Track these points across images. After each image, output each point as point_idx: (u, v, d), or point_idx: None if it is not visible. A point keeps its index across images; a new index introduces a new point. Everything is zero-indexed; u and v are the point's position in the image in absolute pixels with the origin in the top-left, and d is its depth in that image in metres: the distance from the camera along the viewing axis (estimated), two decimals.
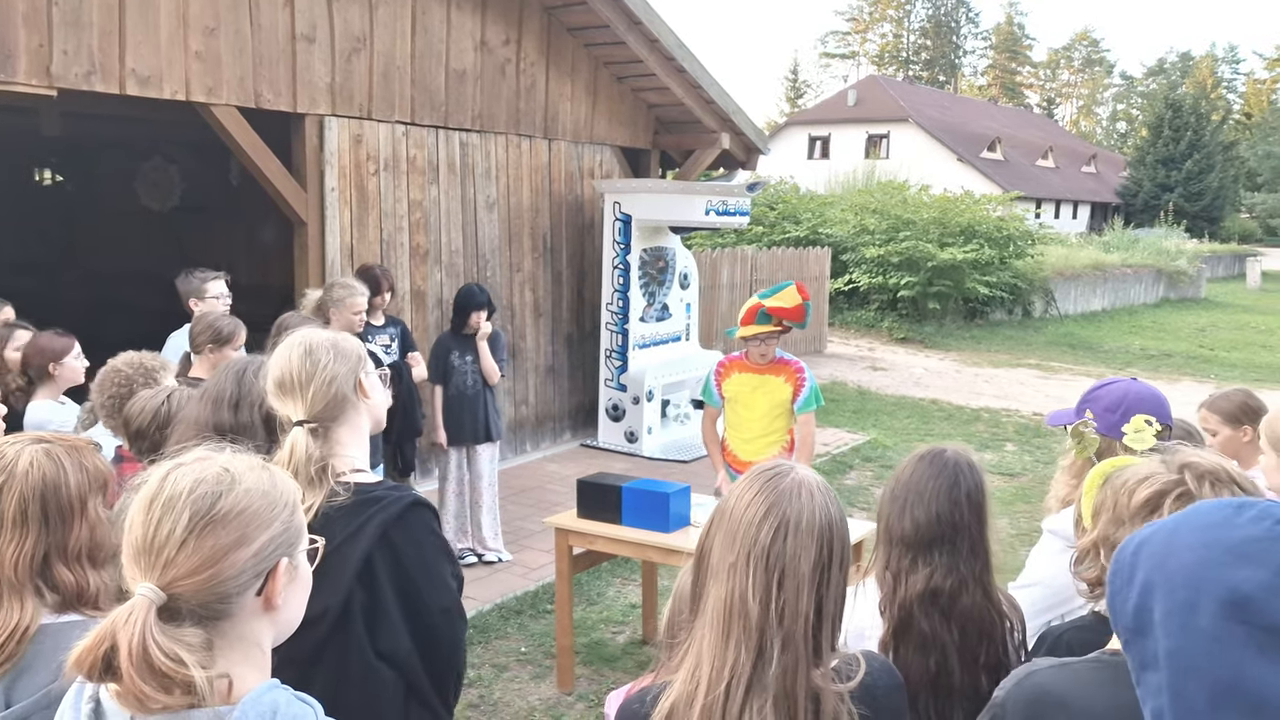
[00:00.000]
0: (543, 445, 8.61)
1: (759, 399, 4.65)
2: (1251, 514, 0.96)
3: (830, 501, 1.42)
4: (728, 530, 1.41)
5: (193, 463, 1.24)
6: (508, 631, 5.07)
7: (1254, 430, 3.28)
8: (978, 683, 1.92)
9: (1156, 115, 46.57)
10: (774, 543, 1.36)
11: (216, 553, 1.17)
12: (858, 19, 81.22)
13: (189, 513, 1.17)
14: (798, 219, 17.71)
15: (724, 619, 1.36)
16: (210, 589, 1.17)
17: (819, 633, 1.37)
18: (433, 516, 1.94)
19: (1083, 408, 2.44)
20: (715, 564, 1.40)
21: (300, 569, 1.29)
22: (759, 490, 1.42)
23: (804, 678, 1.34)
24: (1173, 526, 1.01)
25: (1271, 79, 73.68)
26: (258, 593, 1.22)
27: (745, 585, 1.36)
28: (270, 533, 1.22)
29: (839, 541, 1.40)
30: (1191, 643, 0.92)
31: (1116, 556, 1.06)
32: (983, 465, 2.07)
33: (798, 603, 1.35)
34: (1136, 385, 2.43)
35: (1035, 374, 13.77)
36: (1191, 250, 26.63)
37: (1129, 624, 1.01)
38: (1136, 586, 1.00)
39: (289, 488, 1.29)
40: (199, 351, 3.85)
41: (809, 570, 1.36)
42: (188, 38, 5.75)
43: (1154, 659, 0.96)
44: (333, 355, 1.92)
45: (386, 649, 1.83)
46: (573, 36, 8.35)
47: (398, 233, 7.16)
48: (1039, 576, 2.21)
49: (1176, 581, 0.96)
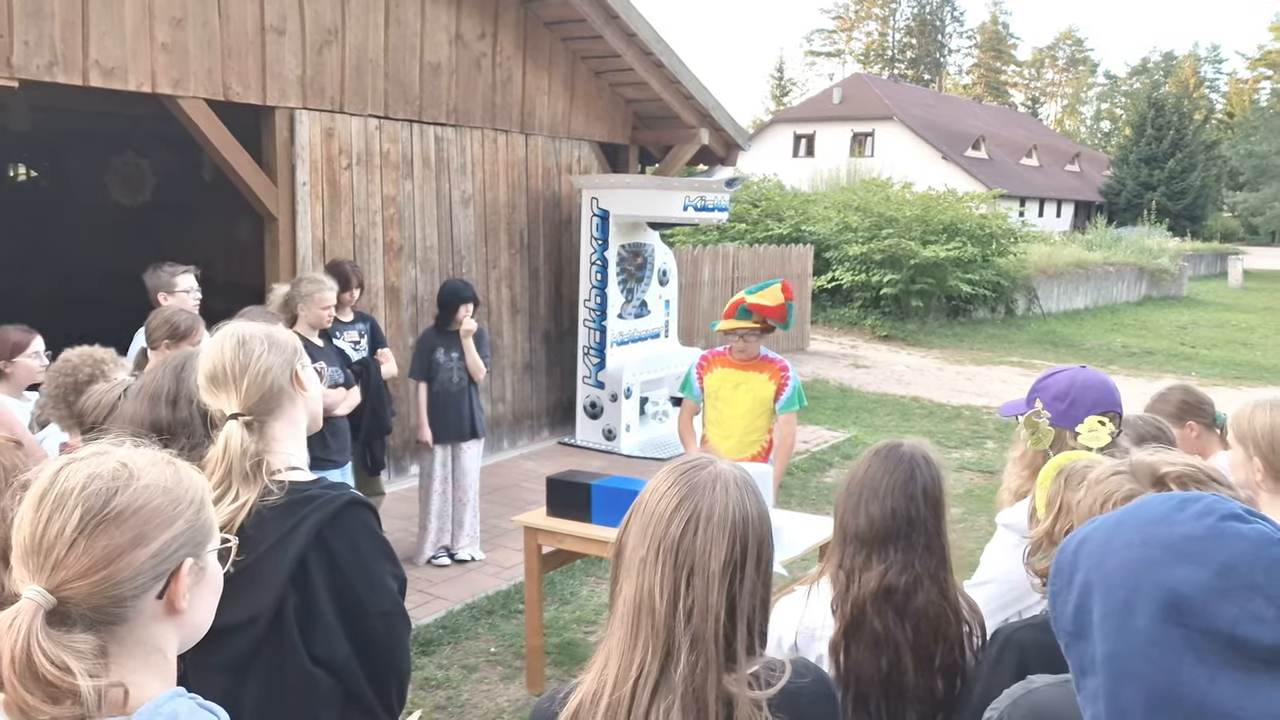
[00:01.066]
0: (520, 443, 8.54)
1: (741, 396, 4.60)
2: (1194, 510, 0.90)
3: (748, 497, 1.36)
4: (640, 524, 1.36)
5: (89, 457, 1.16)
6: (478, 632, 5.00)
7: (1199, 425, 3.27)
8: (932, 684, 1.87)
9: (1140, 114, 46.82)
10: (684, 536, 1.31)
11: (110, 553, 1.09)
12: (843, 17, 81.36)
13: (81, 510, 1.10)
14: (781, 216, 17.69)
15: (633, 616, 1.31)
16: (103, 592, 1.09)
17: (731, 634, 1.30)
18: (371, 516, 1.87)
19: (1032, 397, 2.42)
20: (628, 558, 1.35)
21: (209, 570, 1.22)
22: (673, 483, 1.36)
23: (714, 681, 1.27)
24: (1113, 523, 0.96)
25: (1253, 79, 74.16)
26: (159, 595, 1.14)
27: (654, 580, 1.30)
28: (172, 531, 1.14)
29: (755, 539, 1.34)
30: (1128, 646, 0.87)
31: (1058, 556, 1.00)
32: (942, 460, 2.02)
33: (707, 600, 1.29)
34: (1084, 373, 2.40)
35: (1018, 372, 13.77)
36: (1174, 249, 26.76)
37: (1069, 627, 0.95)
38: (1076, 587, 0.95)
39: (195, 484, 1.21)
40: (155, 347, 3.76)
41: (719, 567, 1.30)
42: (153, 28, 5.65)
43: (1092, 663, 0.91)
44: (267, 346, 1.85)
45: (323, 654, 1.76)
46: (550, 30, 8.27)
47: (371, 228, 7.07)
48: (994, 573, 2.17)
49: (1114, 581, 0.90)
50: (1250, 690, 0.80)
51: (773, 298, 4.51)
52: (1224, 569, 0.85)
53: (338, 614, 1.78)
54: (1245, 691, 0.81)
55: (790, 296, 4.55)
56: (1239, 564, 0.84)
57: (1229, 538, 0.87)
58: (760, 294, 4.55)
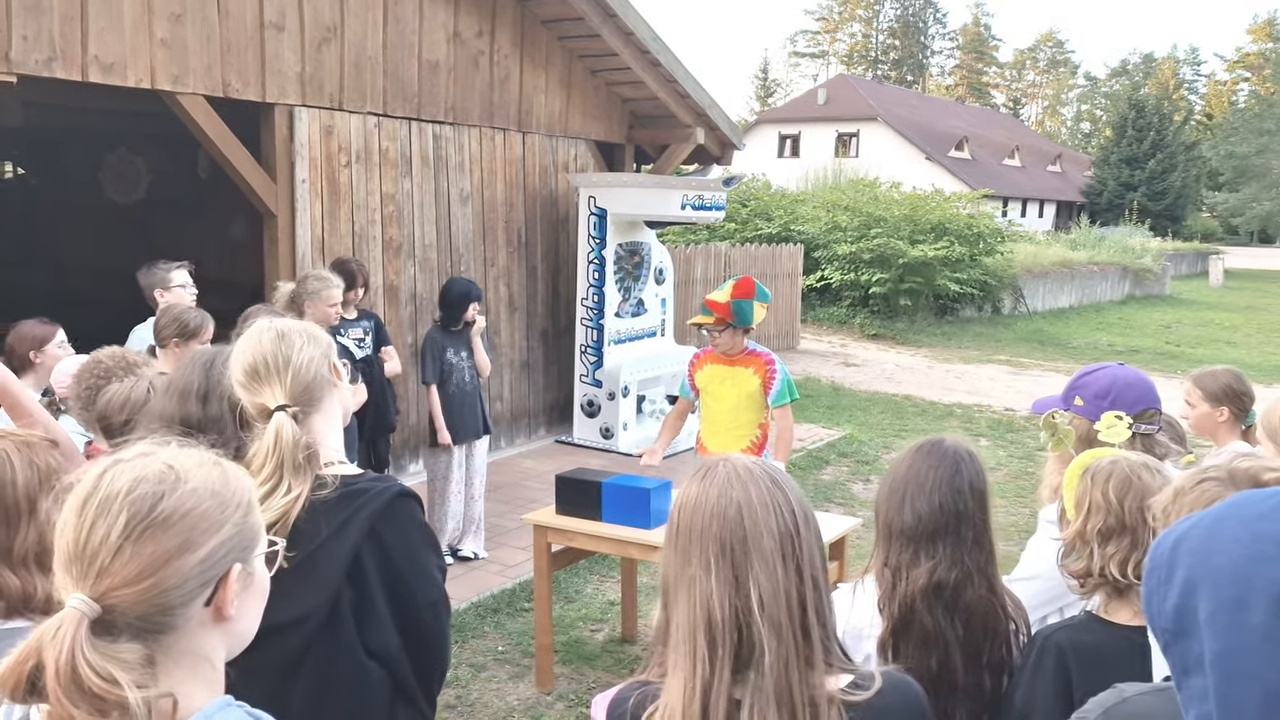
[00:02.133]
0: (518, 441, 8.52)
1: (727, 390, 4.65)
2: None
3: (769, 471, 1.34)
4: (681, 543, 1.32)
5: (134, 459, 1.11)
6: (485, 630, 4.99)
7: (1230, 411, 3.31)
8: (981, 681, 1.87)
9: (1120, 115, 47.18)
10: (728, 528, 1.28)
11: (157, 560, 1.05)
12: (827, 19, 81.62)
13: (126, 515, 1.05)
14: (770, 216, 17.72)
15: (690, 636, 1.27)
16: (150, 600, 1.05)
17: (805, 620, 1.27)
18: (418, 507, 1.87)
19: (1070, 395, 2.42)
20: (674, 584, 1.31)
21: (256, 575, 1.18)
22: (697, 491, 1.34)
23: (798, 676, 1.24)
24: (1214, 519, 0.94)
25: (1232, 80, 74.92)
26: (206, 603, 1.10)
27: (710, 587, 1.26)
28: (220, 536, 1.10)
29: (796, 505, 1.31)
30: (1242, 644, 0.85)
31: (1152, 553, 0.99)
32: (981, 456, 2.03)
33: (775, 578, 1.26)
34: (1124, 370, 2.41)
35: (1006, 370, 13.86)
36: (1156, 248, 26.98)
37: (1168, 625, 0.94)
38: (1177, 585, 0.93)
39: (243, 486, 1.17)
40: (164, 345, 3.73)
41: (774, 544, 1.27)
42: (153, 24, 5.60)
43: (1198, 662, 0.89)
44: (306, 338, 1.84)
45: (377, 647, 1.76)
46: (547, 29, 8.26)
47: (370, 226, 7.04)
48: (1038, 569, 2.17)
49: (1223, 578, 0.88)
50: None
51: (724, 294, 4.55)
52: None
53: (390, 606, 1.78)
54: None
55: (744, 293, 4.54)
56: None
57: None
58: (719, 290, 4.62)
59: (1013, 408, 10.82)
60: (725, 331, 4.58)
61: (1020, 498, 7.31)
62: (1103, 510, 1.80)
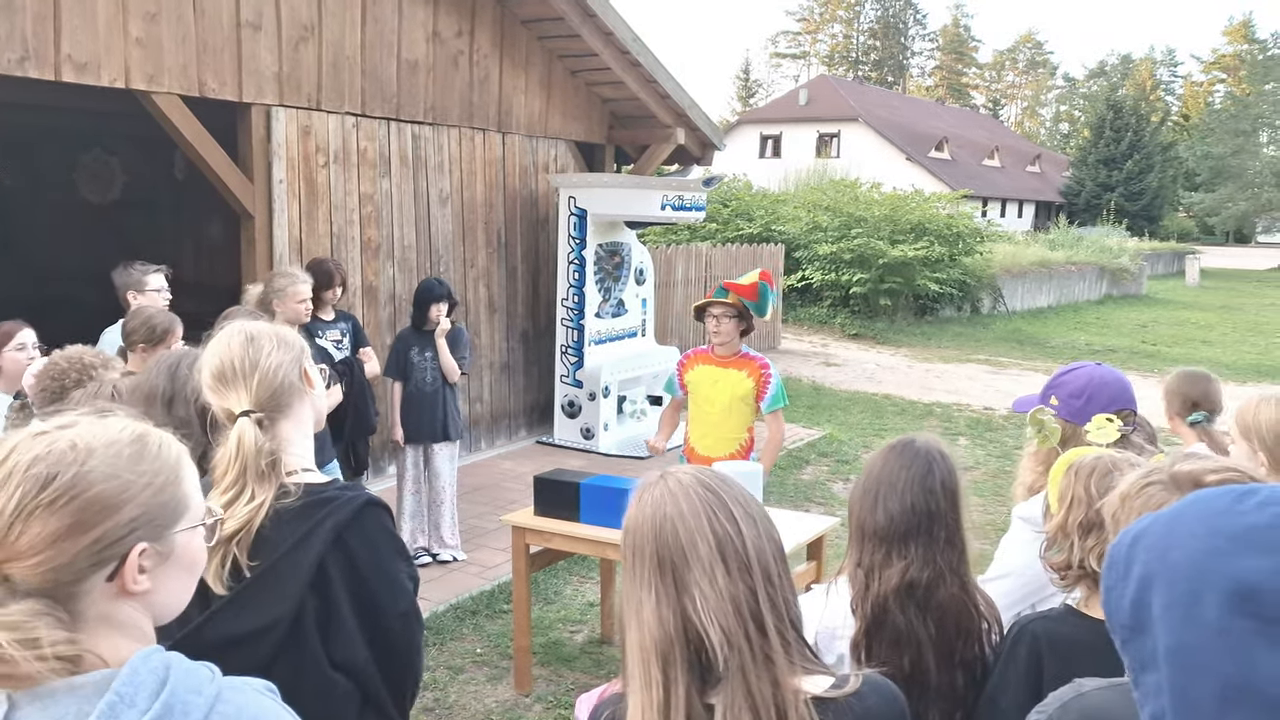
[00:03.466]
0: (498, 443, 8.50)
1: (719, 392, 4.61)
2: (1256, 500, 0.90)
3: (711, 481, 1.31)
4: (626, 566, 1.31)
5: (47, 433, 1.12)
6: (463, 632, 4.97)
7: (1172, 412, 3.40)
8: (954, 680, 1.88)
9: (1098, 116, 47.55)
10: (664, 544, 1.26)
11: (44, 539, 1.06)
12: (808, 19, 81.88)
13: (20, 492, 1.07)
14: (751, 216, 17.76)
15: (641, 657, 1.25)
16: (41, 574, 1.06)
17: (760, 617, 1.24)
18: (387, 516, 1.84)
19: (1048, 394, 2.44)
20: (628, 605, 1.30)
21: (177, 549, 1.16)
22: (636, 510, 1.32)
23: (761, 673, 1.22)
24: (1172, 516, 0.95)
25: (1208, 82, 75.68)
26: (109, 578, 1.10)
27: (653, 607, 1.24)
28: (118, 518, 1.09)
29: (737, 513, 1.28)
30: (1196, 638, 0.86)
31: (1111, 550, 0.99)
32: (954, 455, 2.04)
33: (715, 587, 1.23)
34: (1100, 370, 2.44)
35: (985, 369, 13.94)
36: (1133, 248, 27.21)
37: (1125, 620, 0.94)
38: (1134, 580, 0.93)
39: (162, 463, 1.16)
40: (133, 348, 3.69)
41: (709, 551, 1.24)
42: (127, 23, 5.55)
43: (1153, 657, 0.90)
44: (276, 343, 1.81)
45: (342, 658, 1.73)
46: (526, 29, 8.25)
47: (348, 226, 7.01)
48: (1011, 566, 2.19)
49: (1178, 573, 0.89)
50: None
51: (749, 278, 4.57)
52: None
53: (357, 616, 1.75)
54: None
55: (768, 280, 4.59)
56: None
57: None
58: (741, 277, 4.65)
59: (991, 407, 10.89)
60: (731, 321, 4.54)
61: (998, 496, 7.35)
62: (1084, 504, 1.82)
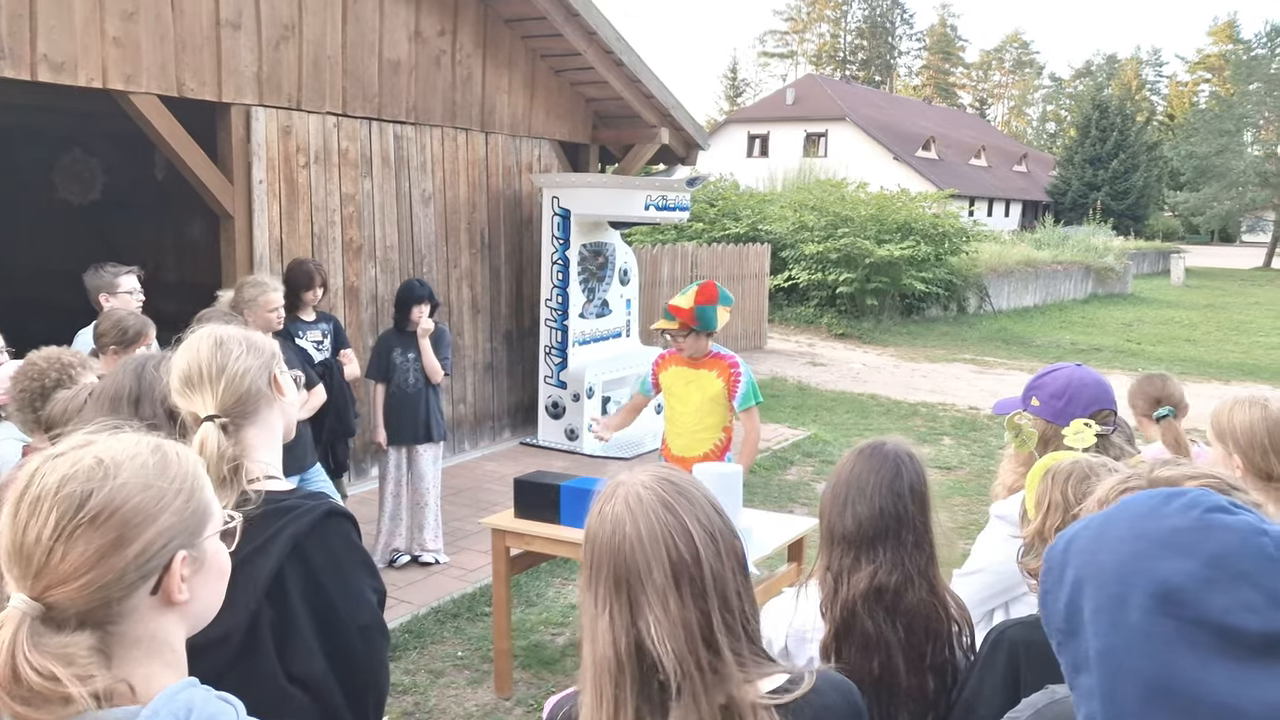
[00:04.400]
0: (481, 444, 8.47)
1: (691, 393, 4.63)
2: (1181, 503, 0.91)
3: (670, 498, 1.29)
4: (582, 581, 1.31)
5: (67, 453, 1.10)
6: (444, 636, 4.95)
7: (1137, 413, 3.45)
8: (924, 683, 1.87)
9: (1084, 116, 47.73)
10: (619, 563, 1.25)
11: (89, 558, 1.05)
12: (796, 19, 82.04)
13: (55, 515, 1.05)
14: (737, 216, 17.77)
15: (595, 674, 1.24)
16: (90, 595, 1.05)
17: (712, 638, 1.23)
18: (351, 527, 1.81)
19: (1029, 395, 2.44)
20: (585, 618, 1.29)
21: (209, 555, 1.17)
22: (592, 524, 1.31)
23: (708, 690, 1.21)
24: (1102, 520, 0.96)
25: (1193, 81, 76.16)
26: (153, 591, 1.10)
27: (606, 624, 1.24)
28: (157, 527, 1.09)
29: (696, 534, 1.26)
30: (1122, 640, 0.87)
31: (1047, 555, 1.00)
32: (922, 457, 2.03)
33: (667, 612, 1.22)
34: (1080, 371, 2.44)
35: (970, 368, 13.98)
36: (1118, 247, 27.35)
37: (1060, 624, 0.95)
38: (1067, 584, 0.94)
39: (185, 470, 1.16)
40: (104, 351, 3.66)
41: (664, 578, 1.23)
42: (104, 22, 5.50)
43: (1085, 660, 0.90)
44: (245, 348, 1.79)
45: (299, 671, 1.69)
46: (509, 28, 8.22)
47: (330, 227, 6.97)
48: (985, 563, 2.19)
49: (1106, 576, 0.90)
50: (1243, 679, 0.81)
51: (687, 300, 4.52)
52: (1213, 559, 0.85)
53: (315, 629, 1.71)
54: (1238, 680, 0.81)
55: (707, 299, 4.52)
56: (1227, 554, 0.85)
57: (1216, 529, 0.87)
58: (682, 296, 4.58)
59: (976, 406, 10.91)
60: (689, 336, 4.57)
61: (982, 496, 7.36)
62: (1061, 508, 1.82)
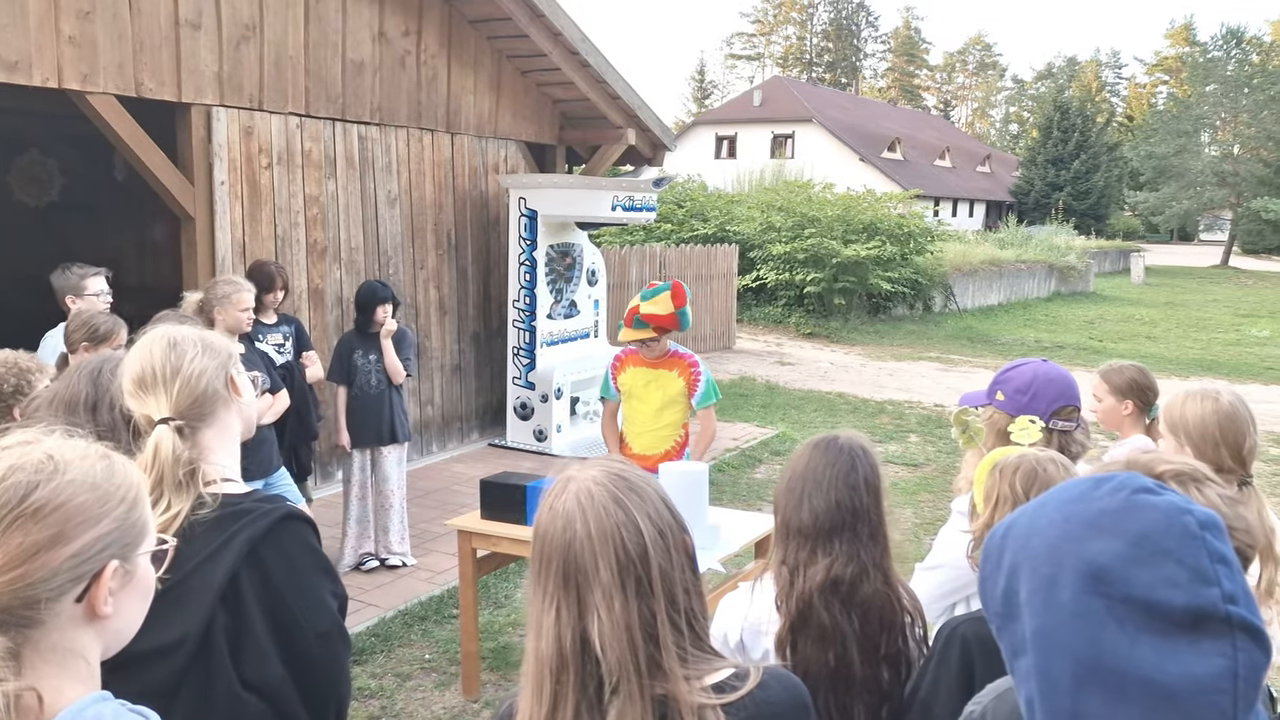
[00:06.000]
0: (449, 446, 8.43)
1: (652, 392, 4.66)
2: (1110, 485, 0.94)
3: (622, 494, 1.28)
4: (530, 575, 1.30)
5: (14, 447, 1.08)
6: (411, 639, 4.92)
7: (1135, 405, 3.42)
8: (878, 674, 1.89)
9: (1046, 117, 48.39)
10: (567, 559, 1.25)
11: (25, 551, 1.02)
12: (762, 21, 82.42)
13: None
14: (705, 217, 17.82)
15: (537, 670, 1.24)
16: (16, 592, 1.02)
17: (656, 638, 1.22)
18: (310, 530, 1.77)
19: (994, 389, 2.46)
20: (529, 611, 1.28)
21: (139, 573, 1.14)
22: (542, 518, 1.30)
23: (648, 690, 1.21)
24: (1036, 506, 0.99)
25: (1151, 83, 77.43)
26: (78, 599, 1.07)
27: (552, 621, 1.23)
28: (97, 531, 1.07)
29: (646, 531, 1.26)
30: (1054, 620, 0.89)
31: (986, 542, 1.03)
32: (876, 450, 2.05)
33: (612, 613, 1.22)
34: (1046, 367, 2.47)
35: (936, 366, 14.12)
36: (1080, 246, 27.75)
37: (999, 609, 0.98)
38: (1005, 569, 0.97)
39: (129, 480, 1.14)
40: (74, 350, 3.61)
41: (612, 576, 1.22)
42: (59, 21, 5.42)
43: (1023, 642, 0.93)
44: (201, 348, 1.76)
45: (254, 678, 1.66)
46: (475, 29, 8.19)
47: (293, 229, 6.90)
48: (946, 558, 2.21)
49: (1039, 559, 0.93)
50: (1169, 654, 0.83)
51: (663, 306, 4.51)
52: (1138, 538, 0.88)
53: (272, 635, 1.68)
54: (1164, 655, 0.83)
55: (681, 302, 4.54)
56: (1152, 532, 0.88)
57: (1142, 508, 0.90)
58: (652, 301, 4.55)
59: (942, 404, 11.02)
60: (658, 341, 4.58)
61: (947, 492, 7.43)
62: (1009, 501, 1.84)
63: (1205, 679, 0.82)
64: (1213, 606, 0.84)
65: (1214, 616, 0.84)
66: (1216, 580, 0.85)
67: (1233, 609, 0.84)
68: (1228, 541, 0.89)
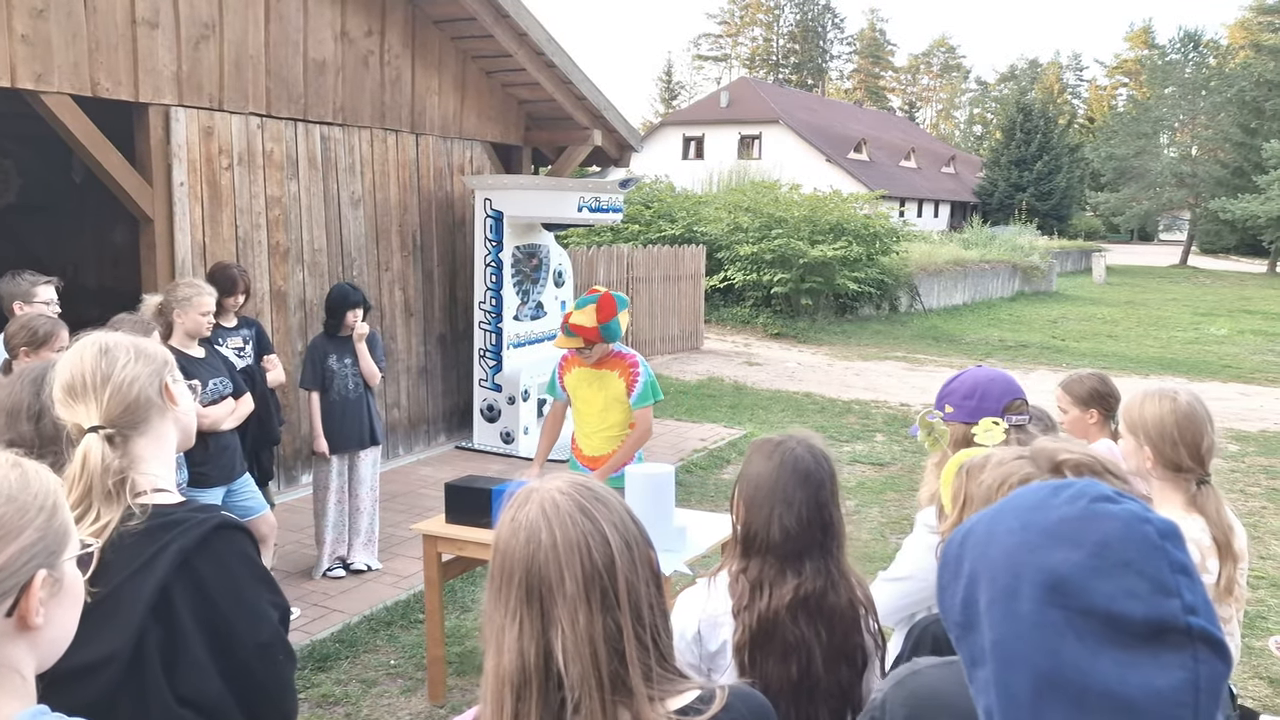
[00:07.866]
0: (416, 448, 8.36)
1: (595, 393, 4.67)
2: (1068, 494, 0.92)
3: (587, 504, 1.25)
4: (490, 588, 1.25)
5: None
6: (377, 644, 4.87)
7: (1099, 413, 3.46)
8: (839, 675, 1.89)
9: (1009, 119, 48.97)
10: (530, 572, 1.21)
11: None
12: (729, 22, 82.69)
13: None
14: (673, 217, 17.82)
15: (497, 687, 1.20)
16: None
17: (621, 655, 1.19)
18: (246, 539, 1.72)
19: (941, 402, 2.50)
20: (487, 629, 1.24)
21: (66, 579, 1.12)
22: (503, 530, 1.26)
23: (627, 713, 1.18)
24: (994, 513, 0.97)
25: (1111, 85, 78.65)
26: (8, 613, 1.05)
27: (515, 636, 1.19)
28: (19, 543, 1.05)
29: (614, 544, 1.22)
30: (1014, 631, 0.87)
31: (945, 549, 1.01)
32: (829, 447, 2.05)
33: (576, 627, 1.19)
34: (983, 371, 2.52)
35: (902, 366, 14.22)
36: (1043, 246, 28.07)
37: (958, 618, 0.95)
38: (963, 578, 0.95)
39: (46, 487, 1.11)
40: (15, 355, 3.54)
41: (577, 588, 1.19)
42: (11, 19, 5.31)
43: (982, 653, 0.91)
44: (133, 355, 1.70)
45: (190, 693, 1.60)
46: (439, 29, 8.13)
47: (255, 230, 6.81)
48: (911, 570, 2.22)
49: (998, 568, 0.91)
50: (1130, 665, 0.82)
51: (588, 319, 4.48)
52: (1098, 548, 0.86)
53: (208, 647, 1.62)
54: (1124, 666, 0.82)
55: (606, 316, 4.50)
56: (1111, 542, 0.86)
57: (1101, 518, 0.88)
58: (581, 312, 4.53)
59: (907, 403, 11.10)
60: (593, 347, 4.58)
61: (913, 491, 7.49)
62: (978, 501, 1.83)
63: (1166, 691, 0.81)
64: (1173, 618, 0.83)
65: (1175, 628, 0.83)
66: (1177, 591, 0.84)
67: (1193, 620, 0.83)
68: (1187, 551, 0.88)
